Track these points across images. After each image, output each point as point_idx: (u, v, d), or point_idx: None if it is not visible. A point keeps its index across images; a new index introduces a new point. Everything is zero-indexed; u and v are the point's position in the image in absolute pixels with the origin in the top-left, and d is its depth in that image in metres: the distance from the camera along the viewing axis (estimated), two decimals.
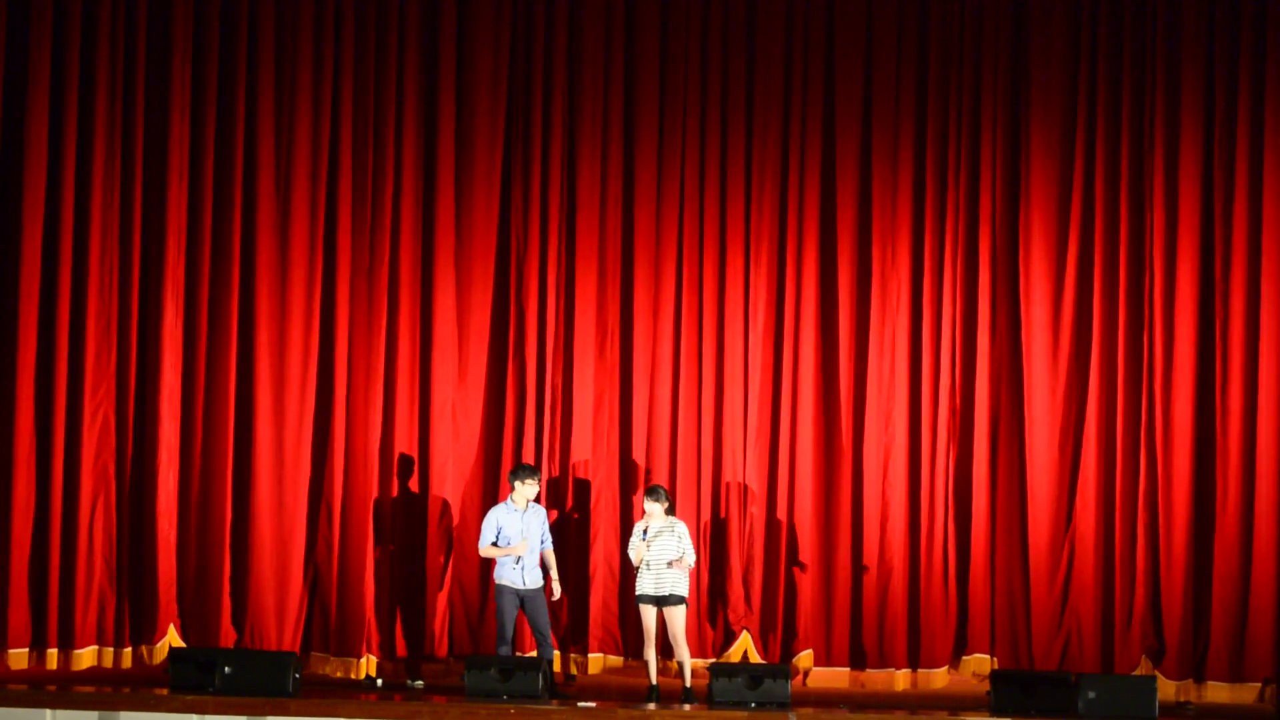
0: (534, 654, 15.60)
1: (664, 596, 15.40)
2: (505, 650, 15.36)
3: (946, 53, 16.56)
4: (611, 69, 16.67)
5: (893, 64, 16.57)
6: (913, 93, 16.56)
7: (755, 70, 16.67)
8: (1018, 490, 16.31)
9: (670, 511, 15.61)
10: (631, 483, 16.44)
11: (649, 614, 15.44)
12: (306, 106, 16.48)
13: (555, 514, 16.32)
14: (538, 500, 15.84)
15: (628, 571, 16.08)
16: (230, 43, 16.49)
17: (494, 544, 15.51)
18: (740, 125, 16.68)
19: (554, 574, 15.72)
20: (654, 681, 15.51)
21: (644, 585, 15.46)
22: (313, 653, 16.25)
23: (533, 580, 15.53)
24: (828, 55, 16.65)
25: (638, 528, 15.53)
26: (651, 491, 15.53)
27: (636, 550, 15.44)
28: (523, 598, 15.50)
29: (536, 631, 15.56)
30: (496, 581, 15.53)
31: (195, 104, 16.42)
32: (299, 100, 16.48)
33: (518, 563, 15.43)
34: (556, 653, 15.96)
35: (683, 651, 15.46)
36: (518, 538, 15.47)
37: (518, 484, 15.60)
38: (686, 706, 15.04)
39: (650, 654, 15.52)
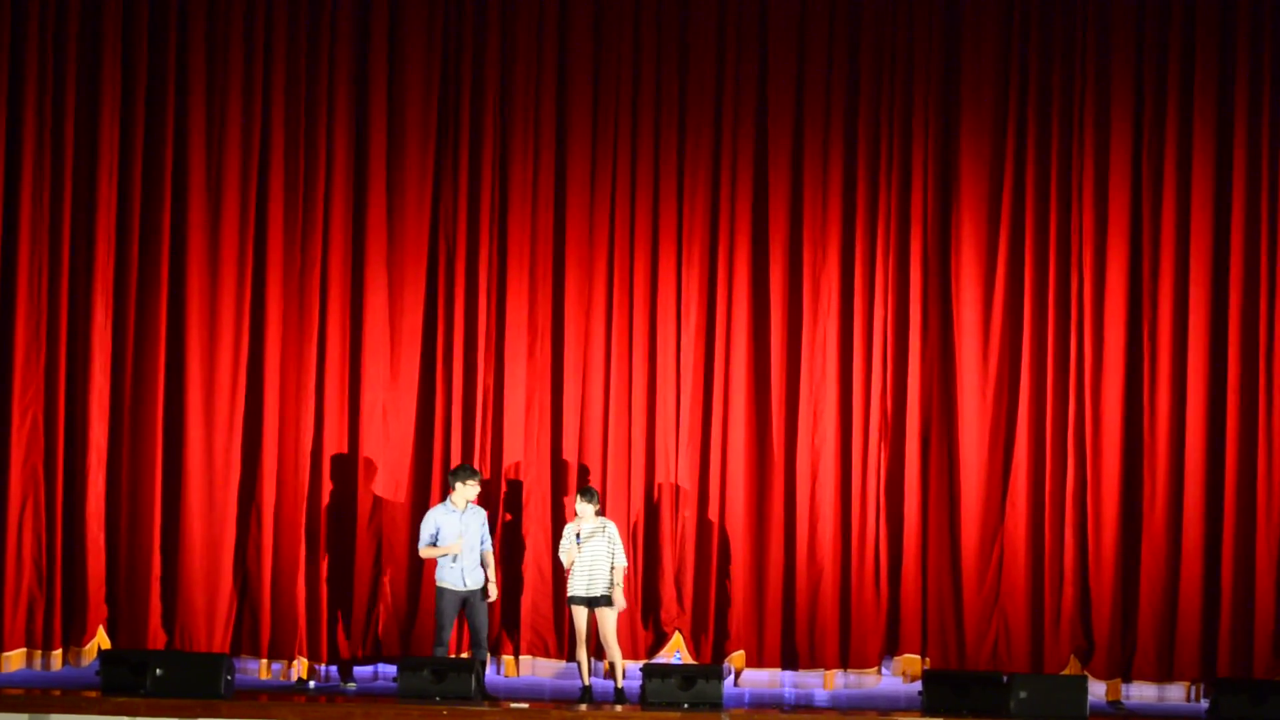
0: (466, 655, 15.61)
1: (595, 598, 15.41)
2: (441, 651, 15.33)
3: (879, 55, 16.58)
4: (544, 70, 16.63)
5: (825, 65, 16.59)
6: (844, 94, 16.59)
7: (688, 71, 16.67)
8: (948, 491, 16.37)
9: (601, 513, 15.61)
10: (562, 484, 16.42)
11: (580, 615, 15.45)
12: (236, 106, 16.40)
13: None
14: (474, 502, 15.81)
15: (558, 573, 16.08)
16: (160, 41, 16.39)
17: (433, 544, 15.49)
18: (673, 126, 16.67)
19: (492, 575, 15.69)
20: (587, 683, 15.52)
21: (575, 587, 15.46)
22: (243, 655, 16.16)
23: (473, 581, 15.50)
24: (760, 56, 16.66)
25: (569, 529, 15.55)
26: (584, 492, 15.54)
27: (567, 553, 15.46)
28: (463, 599, 15.49)
29: (474, 632, 15.55)
30: (437, 583, 15.50)
31: (125, 103, 16.32)
32: (229, 100, 16.40)
33: (455, 562, 15.41)
34: (488, 654, 15.93)
35: (614, 652, 15.47)
36: (455, 538, 15.45)
37: (458, 484, 15.57)
38: (619, 708, 15.05)
39: (582, 655, 15.52)
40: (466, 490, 15.54)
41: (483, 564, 15.60)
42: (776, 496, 16.43)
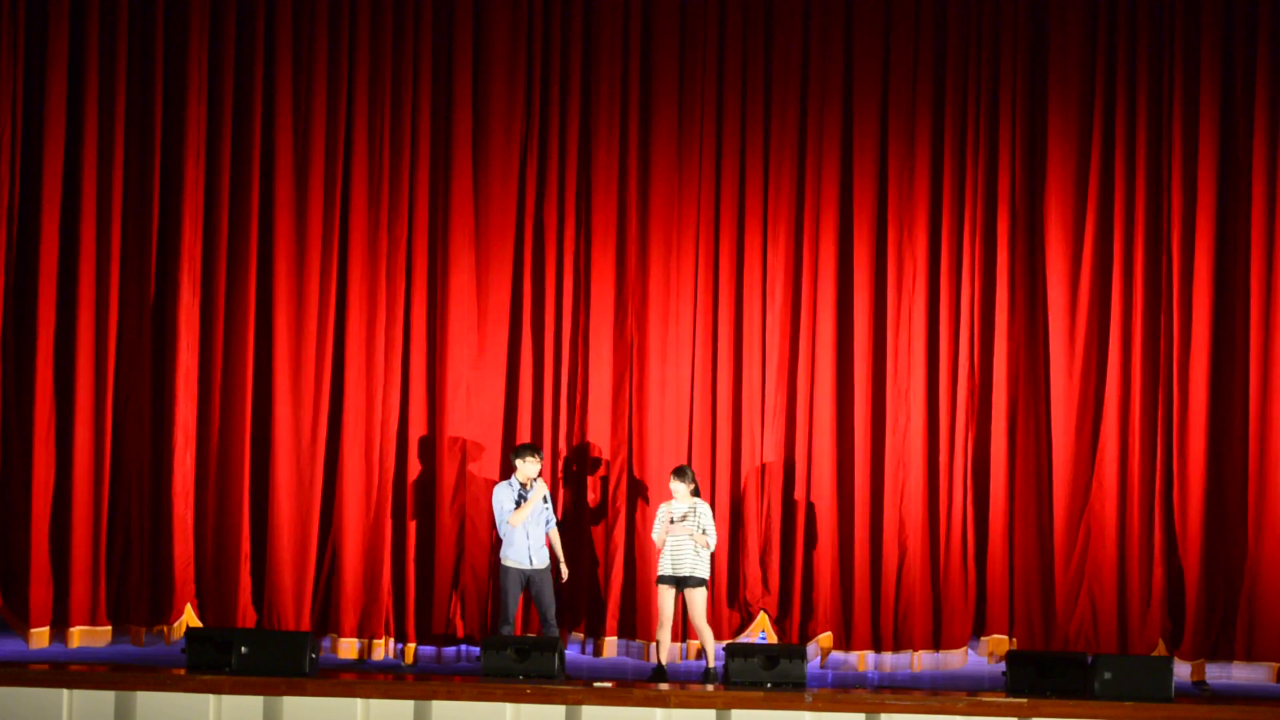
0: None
1: (684, 578, 15.39)
2: (507, 630, 15.39)
3: (965, 31, 16.44)
4: (629, 47, 16.59)
5: (911, 42, 16.46)
6: (930, 71, 16.47)
7: (773, 48, 16.58)
8: (1034, 471, 16.25)
9: (695, 493, 15.60)
10: (647, 464, 16.41)
11: (667, 595, 15.43)
12: (322, 84, 16.46)
13: (568, 494, 16.31)
14: (540, 477, 15.80)
15: (643, 555, 16.12)
16: (247, 21, 16.48)
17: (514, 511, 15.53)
18: (759, 103, 16.59)
19: (560, 554, 15.75)
20: (663, 662, 15.49)
21: (664, 566, 15.46)
22: (329, 633, 16.27)
23: (539, 560, 15.54)
24: (846, 32, 16.54)
25: (663, 509, 15.53)
26: (679, 472, 15.53)
27: (659, 533, 15.44)
28: (528, 578, 15.53)
29: (542, 611, 15.59)
30: (502, 562, 15.56)
31: (212, 84, 16.42)
32: (315, 79, 16.46)
33: (523, 539, 15.41)
34: (560, 633, 15.89)
35: (705, 634, 15.44)
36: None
37: (518, 462, 15.61)
38: (710, 687, 14.96)
39: (664, 636, 15.50)
40: (525, 468, 15.55)
41: (549, 544, 15.65)
42: (862, 477, 16.34)
